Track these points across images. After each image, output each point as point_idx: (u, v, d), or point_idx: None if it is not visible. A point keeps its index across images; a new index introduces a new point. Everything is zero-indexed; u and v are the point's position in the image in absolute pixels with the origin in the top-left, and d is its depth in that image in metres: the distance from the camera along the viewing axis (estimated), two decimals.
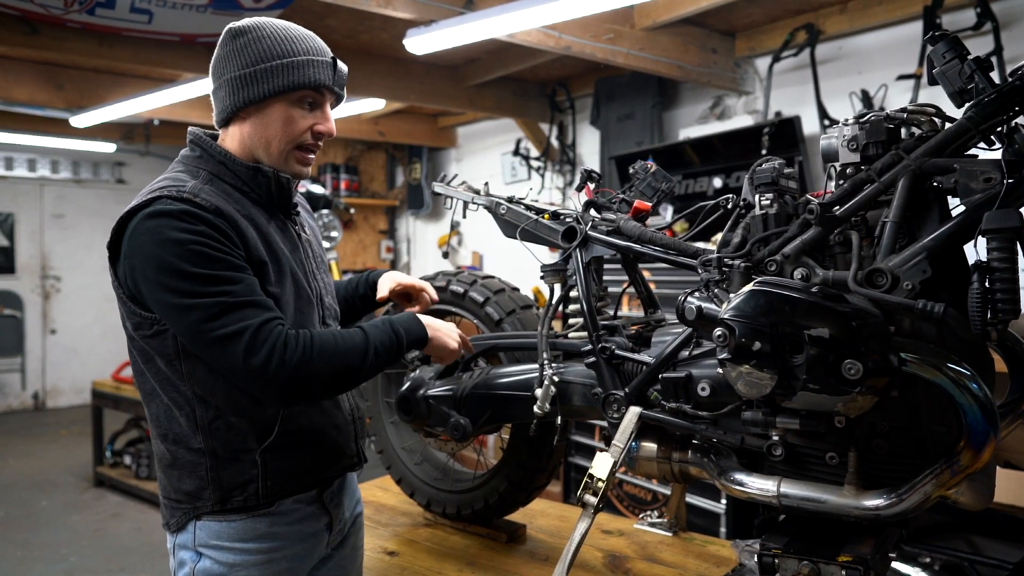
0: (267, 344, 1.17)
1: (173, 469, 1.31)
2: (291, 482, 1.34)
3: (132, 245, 1.20)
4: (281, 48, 1.28)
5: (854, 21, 3.96)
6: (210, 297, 1.16)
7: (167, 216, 1.18)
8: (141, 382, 1.33)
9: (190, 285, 1.16)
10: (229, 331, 1.16)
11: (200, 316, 1.16)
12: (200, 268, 1.17)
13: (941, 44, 1.21)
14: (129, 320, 1.28)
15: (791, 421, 1.21)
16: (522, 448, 1.88)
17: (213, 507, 1.29)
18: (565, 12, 3.33)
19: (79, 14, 3.83)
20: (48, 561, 4.02)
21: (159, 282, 1.17)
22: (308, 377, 1.21)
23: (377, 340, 1.31)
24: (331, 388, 1.29)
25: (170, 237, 1.17)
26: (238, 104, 1.29)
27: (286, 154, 1.33)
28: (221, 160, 1.32)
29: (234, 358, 1.17)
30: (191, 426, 1.28)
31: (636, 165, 1.72)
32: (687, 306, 1.34)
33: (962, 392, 1.07)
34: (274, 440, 1.30)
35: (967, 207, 1.15)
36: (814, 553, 1.24)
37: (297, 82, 1.28)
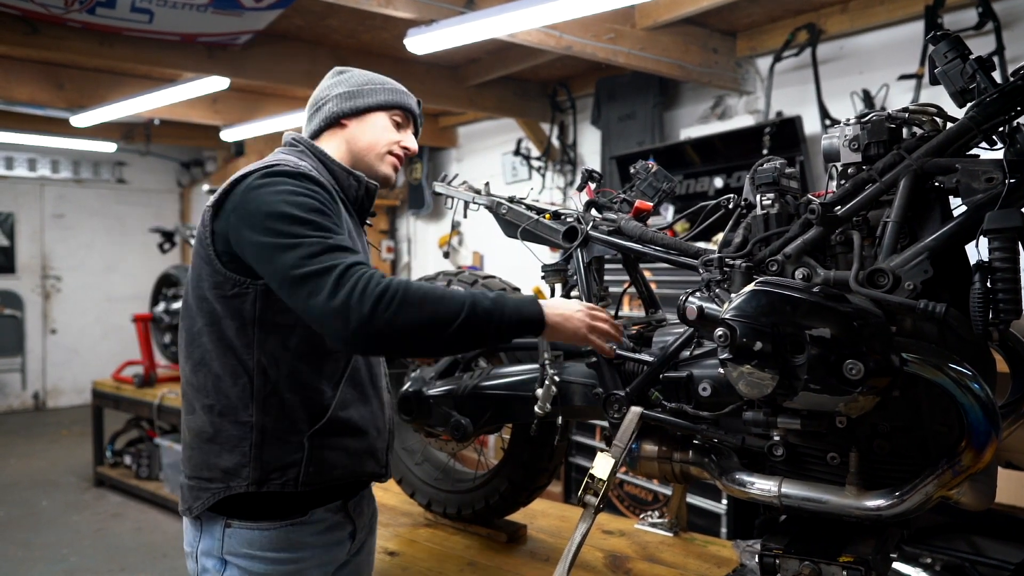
0: (355, 277, 1.16)
1: (212, 443, 1.29)
2: (329, 475, 1.33)
3: (243, 197, 1.25)
4: (380, 79, 1.52)
5: (855, 21, 3.95)
6: (314, 236, 1.20)
7: (282, 175, 1.27)
8: (192, 350, 1.32)
9: (297, 227, 1.20)
10: (323, 265, 1.17)
11: (301, 253, 1.17)
12: (308, 214, 1.22)
13: (943, 44, 1.21)
14: (208, 280, 1.29)
15: (792, 421, 1.21)
16: (523, 448, 1.88)
17: (248, 487, 1.27)
18: (566, 12, 3.33)
19: (79, 13, 3.83)
20: (49, 561, 4.02)
21: (267, 226, 1.21)
22: (390, 316, 1.15)
23: (480, 307, 1.21)
24: (410, 335, 1.18)
25: (285, 187, 1.25)
26: (345, 111, 1.46)
27: (383, 156, 1.48)
28: (320, 158, 1.42)
29: (320, 291, 1.15)
30: (244, 397, 1.28)
31: (637, 165, 1.72)
32: (688, 306, 1.34)
33: (964, 392, 1.07)
34: (323, 425, 1.31)
35: (969, 207, 1.15)
36: (815, 553, 1.24)
37: (395, 102, 1.49)
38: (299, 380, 1.30)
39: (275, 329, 1.28)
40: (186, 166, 8.90)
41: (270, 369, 1.28)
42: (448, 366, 1.89)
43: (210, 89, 5.08)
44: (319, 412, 1.31)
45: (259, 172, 1.27)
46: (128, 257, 8.65)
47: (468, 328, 1.20)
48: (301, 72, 4.84)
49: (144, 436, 5.37)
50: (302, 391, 1.30)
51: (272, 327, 1.28)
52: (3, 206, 8.13)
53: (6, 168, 8.10)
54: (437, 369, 1.89)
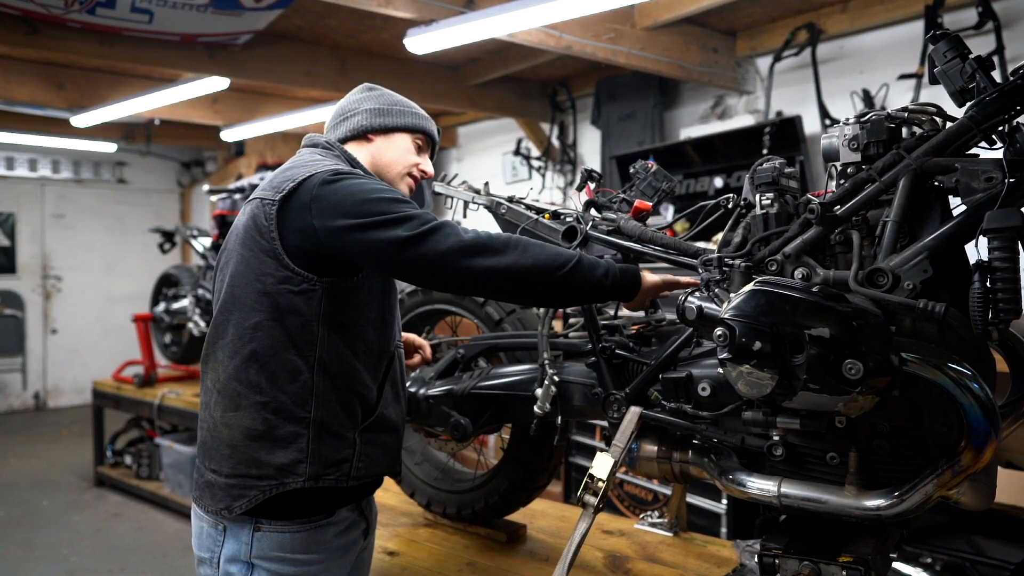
0: (470, 231, 1.29)
1: (264, 440, 1.29)
2: (372, 470, 1.40)
3: (324, 191, 1.30)
4: (408, 103, 1.58)
5: (855, 20, 3.95)
6: (411, 210, 1.30)
7: (349, 175, 1.34)
8: (239, 345, 1.31)
9: (394, 206, 1.29)
10: (438, 223, 1.29)
11: (413, 223, 1.26)
12: (396, 196, 1.32)
13: (943, 43, 1.21)
14: (273, 276, 1.30)
15: (792, 421, 1.21)
16: (522, 448, 1.88)
17: (305, 482, 1.29)
18: (565, 11, 3.33)
19: (80, 14, 3.83)
20: (49, 561, 4.02)
21: (361, 211, 1.27)
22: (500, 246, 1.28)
23: (585, 260, 1.33)
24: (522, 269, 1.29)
25: (362, 182, 1.32)
26: (374, 127, 1.52)
27: (402, 176, 1.53)
28: (352, 164, 1.47)
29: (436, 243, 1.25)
30: (303, 394, 1.30)
31: (637, 164, 1.72)
32: (687, 306, 1.33)
33: (963, 392, 1.07)
34: (372, 422, 1.38)
35: (968, 206, 1.15)
36: (815, 553, 1.24)
37: (420, 126, 1.56)
38: (354, 378, 1.35)
39: (336, 328, 1.33)
40: (186, 166, 8.91)
41: (331, 366, 1.33)
42: (447, 366, 1.89)
43: (210, 89, 5.08)
44: (368, 409, 1.39)
45: (327, 172, 1.33)
46: (128, 257, 8.65)
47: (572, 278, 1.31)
48: (301, 72, 4.84)
49: (144, 436, 5.37)
50: (356, 389, 1.36)
51: (334, 326, 1.33)
52: (4, 206, 8.13)
53: (7, 168, 8.10)
54: (436, 369, 1.89)
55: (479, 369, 1.83)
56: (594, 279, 1.33)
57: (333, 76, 4.95)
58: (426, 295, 2.03)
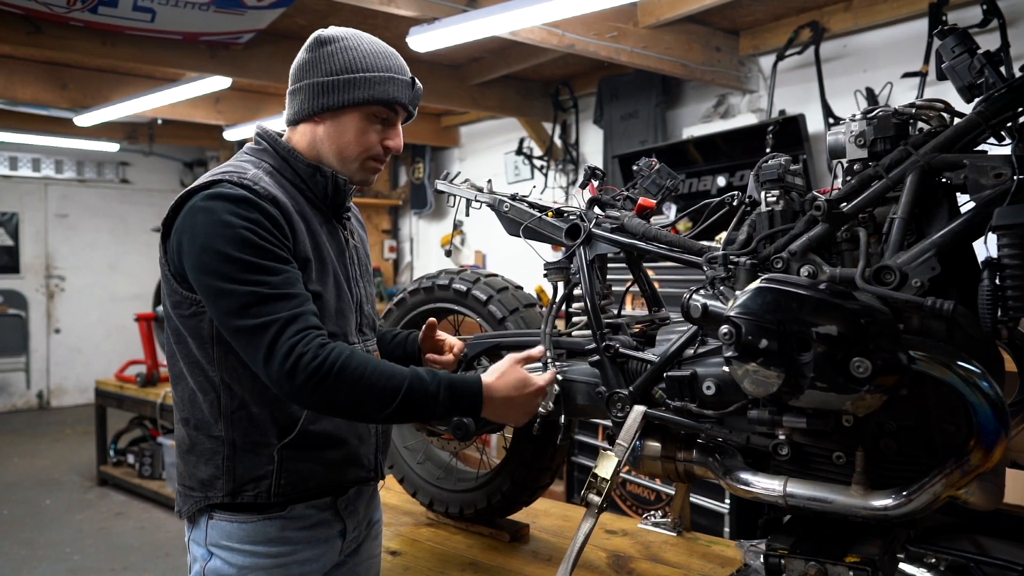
0: (288, 344, 1.15)
1: (191, 455, 1.32)
2: (303, 484, 1.32)
3: (185, 223, 1.22)
4: (365, 62, 1.31)
5: (859, 19, 3.94)
6: (246, 285, 1.16)
7: (223, 199, 1.20)
8: (171, 364, 1.35)
9: (230, 269, 1.16)
10: (256, 323, 1.16)
11: (233, 303, 1.16)
12: (243, 254, 1.17)
13: (951, 38, 1.20)
14: (169, 298, 1.29)
15: (798, 420, 1.19)
16: (525, 447, 1.87)
17: (224, 498, 1.28)
18: (568, 9, 3.32)
19: (82, 12, 3.83)
20: (52, 560, 4.02)
21: (202, 261, 1.18)
22: (322, 394, 1.16)
23: (416, 389, 1.22)
24: (343, 413, 1.24)
25: (221, 219, 1.18)
26: (316, 109, 1.32)
27: (358, 163, 1.36)
28: (284, 156, 1.35)
29: (256, 352, 1.16)
30: (214, 413, 1.28)
31: (641, 162, 1.71)
32: (692, 304, 1.33)
33: (973, 391, 1.06)
34: (294, 438, 1.29)
35: (977, 203, 1.14)
36: (821, 554, 1.22)
37: (376, 97, 1.31)
38: (263, 395, 1.27)
39: (232, 348, 1.24)
40: (189, 166, 8.91)
41: (234, 385, 1.27)
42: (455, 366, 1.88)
43: (212, 88, 5.08)
44: (288, 426, 1.29)
45: (201, 194, 1.22)
46: (131, 257, 8.66)
47: (405, 409, 1.21)
48: None
49: (147, 435, 5.37)
50: (268, 405, 1.28)
51: (230, 345, 1.24)
52: (7, 206, 8.14)
53: (10, 168, 8.11)
54: None
55: (481, 368, 1.82)
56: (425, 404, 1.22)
57: None
58: (428, 294, 2.02)
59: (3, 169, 8.08)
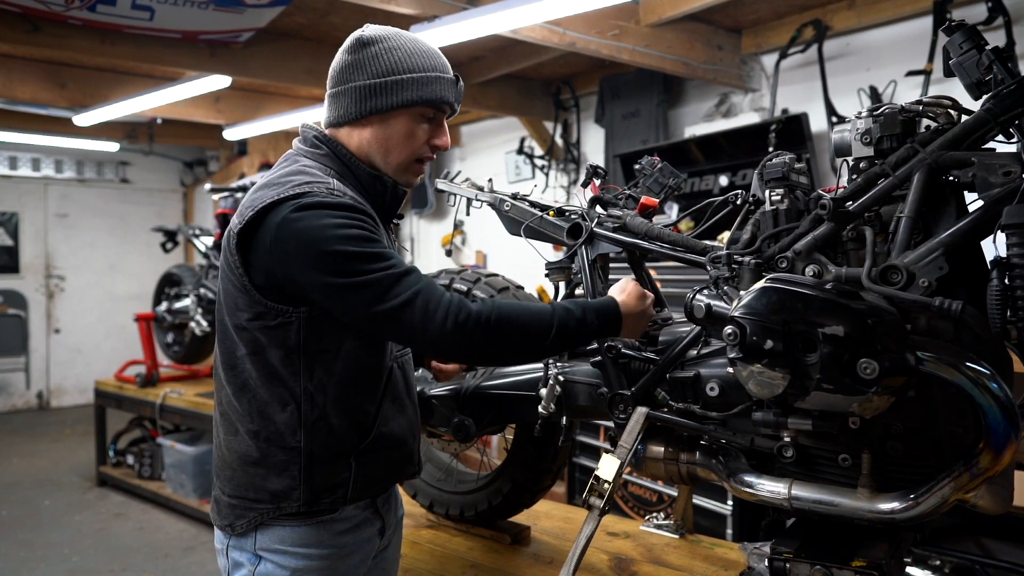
0: (443, 306, 1.19)
1: (259, 467, 1.28)
2: (374, 486, 1.35)
3: (284, 233, 1.19)
4: (410, 63, 1.32)
5: (862, 17, 3.91)
6: (377, 272, 1.18)
7: (321, 207, 1.20)
8: (233, 375, 1.29)
9: (355, 265, 1.18)
10: (405, 297, 1.18)
11: (371, 292, 1.17)
12: (361, 248, 1.19)
13: (958, 34, 1.18)
14: (248, 309, 1.25)
15: (803, 422, 1.18)
16: (526, 449, 1.86)
17: (300, 508, 1.27)
18: (569, 7, 3.30)
19: (80, 11, 3.81)
20: (51, 561, 4.00)
21: (322, 265, 1.17)
22: (486, 343, 1.22)
23: (567, 319, 1.29)
24: (507, 358, 1.35)
25: (327, 224, 1.19)
26: (364, 112, 1.32)
27: (405, 165, 1.37)
28: (345, 161, 1.35)
29: (411, 326, 1.18)
30: (292, 423, 1.26)
31: (643, 160, 1.69)
32: (696, 304, 1.31)
33: (982, 392, 1.04)
34: (369, 443, 1.32)
35: (985, 202, 1.12)
36: (827, 557, 1.21)
37: (424, 98, 1.32)
38: (345, 403, 1.29)
39: (320, 356, 1.26)
40: (189, 165, 8.90)
41: (317, 395, 1.27)
42: None
43: (212, 88, 5.06)
44: (364, 432, 1.32)
45: (292, 204, 1.20)
46: (131, 256, 8.65)
47: (559, 341, 1.28)
48: (303, 70, 4.82)
49: (146, 436, 5.36)
50: (348, 414, 1.30)
51: (317, 354, 1.26)
52: (7, 206, 8.13)
53: (10, 168, 8.10)
54: None
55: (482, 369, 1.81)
56: (579, 332, 1.30)
57: None
58: None
59: (3, 169, 8.07)
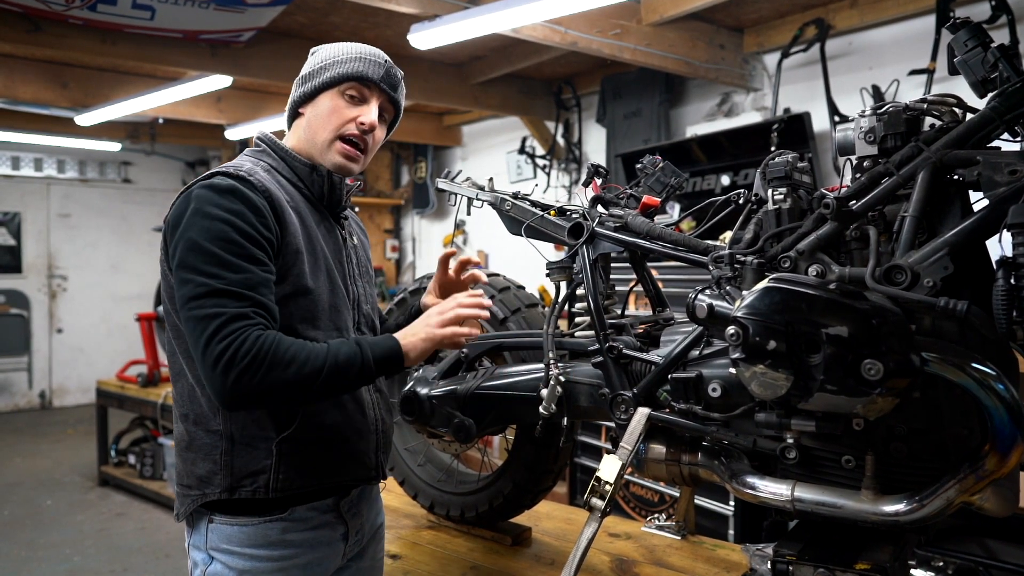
0: (225, 341, 1.14)
1: (189, 451, 1.32)
2: (302, 481, 1.31)
3: (177, 211, 1.25)
4: (339, 52, 1.39)
5: (865, 15, 3.90)
6: (204, 276, 1.18)
7: (213, 189, 1.23)
8: (171, 362, 1.35)
9: (195, 259, 1.19)
10: (204, 313, 1.16)
11: (188, 291, 1.18)
12: (211, 246, 1.19)
13: (963, 32, 1.16)
14: (168, 292, 1.29)
15: (807, 423, 1.16)
16: (527, 449, 1.85)
17: (221, 494, 1.28)
18: (570, 6, 3.29)
19: (81, 10, 3.81)
20: (52, 561, 4.00)
21: (178, 249, 1.21)
22: (254, 386, 1.15)
23: (340, 359, 1.22)
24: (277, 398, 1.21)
25: (203, 209, 1.21)
26: (296, 100, 1.40)
27: (329, 143, 1.37)
28: (282, 156, 1.39)
29: (196, 343, 1.17)
30: (212, 406, 1.29)
31: (644, 160, 1.68)
32: (698, 304, 1.29)
33: (988, 393, 1.03)
34: (292, 432, 1.29)
35: (991, 201, 1.10)
36: (830, 560, 1.19)
37: (341, 73, 1.36)
38: None
39: None
40: (191, 165, 8.90)
41: None
42: (451, 366, 1.85)
43: (213, 87, 5.06)
44: (286, 419, 1.29)
45: (198, 183, 1.26)
46: (133, 256, 8.66)
47: (334, 379, 1.21)
48: None
49: (148, 435, 5.36)
50: None
51: None
52: (9, 206, 8.14)
53: (12, 168, 8.11)
54: (440, 369, 1.86)
55: (483, 369, 1.80)
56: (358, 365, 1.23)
57: None
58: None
59: (5, 169, 8.07)
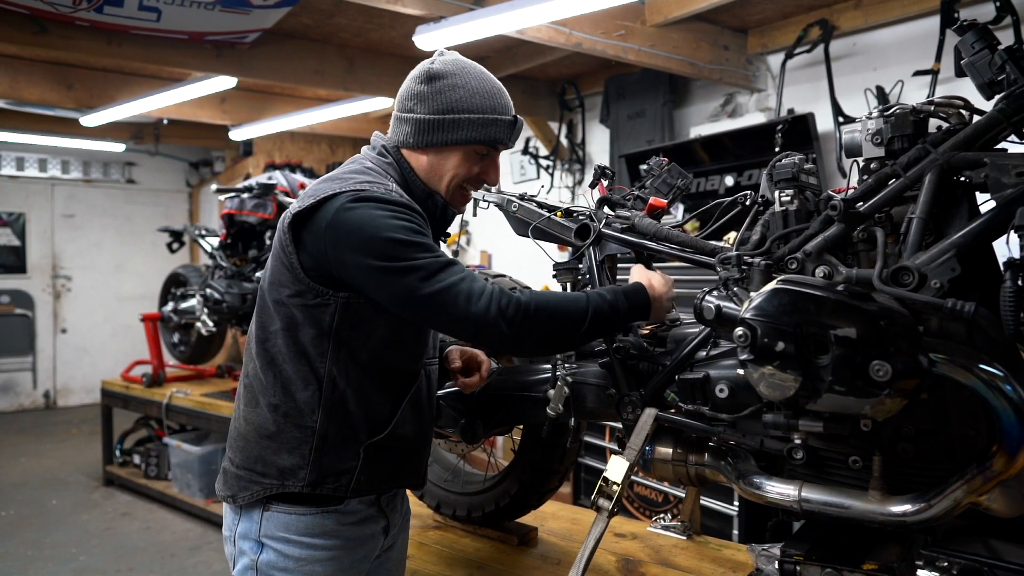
0: (486, 293, 1.24)
1: (272, 441, 1.32)
2: (377, 484, 1.38)
3: (339, 220, 1.26)
4: (470, 103, 1.39)
5: (869, 16, 3.90)
6: (427, 258, 1.24)
7: (376, 201, 1.28)
8: (263, 349, 1.34)
9: (406, 250, 1.24)
10: (450, 281, 1.24)
11: (420, 274, 1.23)
12: (412, 237, 1.25)
13: (970, 34, 1.17)
14: (290, 285, 1.31)
15: (815, 424, 1.17)
16: (534, 450, 1.85)
17: (303, 488, 1.30)
18: (575, 7, 3.30)
19: (87, 12, 3.82)
20: (58, 560, 4.02)
21: (372, 249, 1.23)
22: (526, 330, 1.25)
23: (596, 306, 1.33)
24: (546, 346, 1.36)
25: (380, 214, 1.26)
26: (421, 143, 1.40)
27: (453, 193, 1.44)
28: (405, 175, 1.42)
29: (456, 305, 1.23)
30: (312, 403, 1.31)
31: (651, 161, 1.69)
32: (706, 305, 1.30)
33: (995, 395, 1.03)
34: (382, 439, 1.35)
35: (998, 202, 1.11)
36: (838, 560, 1.20)
37: (480, 139, 1.40)
38: (365, 393, 1.34)
39: (348, 342, 1.31)
40: (195, 166, 8.92)
41: (339, 379, 1.31)
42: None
43: (218, 88, 5.07)
44: (379, 426, 1.36)
45: (351, 194, 1.27)
46: (137, 257, 8.67)
47: (592, 330, 1.34)
48: (309, 71, 4.83)
49: (153, 435, 5.37)
50: (366, 404, 1.34)
51: (346, 340, 1.31)
52: (14, 206, 8.16)
53: (17, 168, 8.13)
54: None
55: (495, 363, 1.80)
56: (612, 317, 1.35)
57: (341, 75, 4.93)
58: None
59: (10, 169, 8.10)
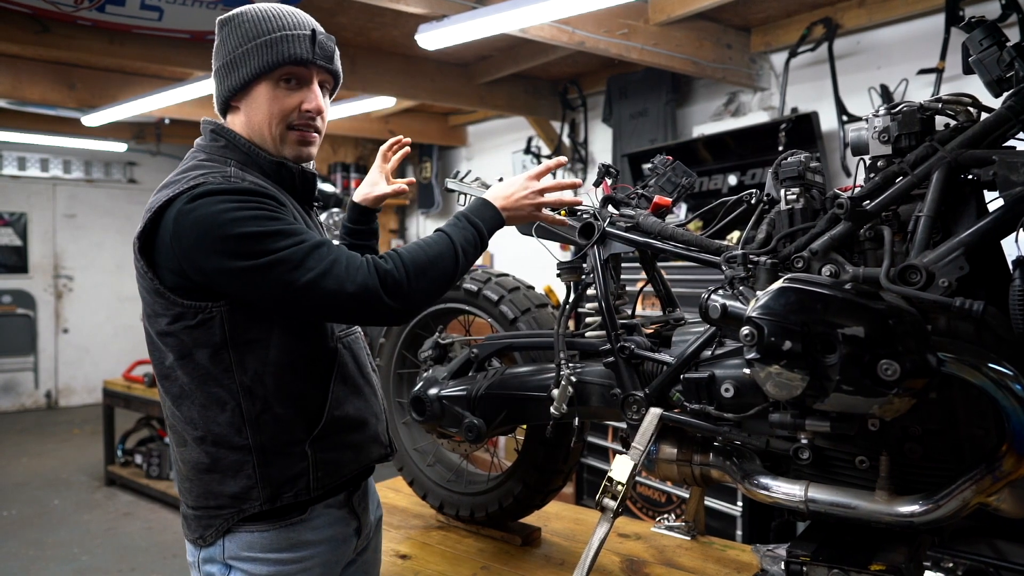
0: (360, 270, 1.17)
1: (213, 473, 1.24)
2: (338, 473, 1.31)
3: (181, 226, 1.15)
4: (257, 28, 1.26)
5: (873, 15, 3.89)
6: (287, 247, 1.14)
7: (215, 194, 1.15)
8: (168, 385, 1.25)
9: (264, 244, 1.13)
10: (320, 269, 1.15)
11: (286, 267, 1.14)
12: (266, 226, 1.15)
13: (978, 31, 1.16)
14: (166, 313, 1.20)
15: (821, 424, 1.16)
16: (537, 450, 1.84)
17: (262, 506, 1.23)
18: (578, 6, 3.28)
19: (89, 11, 3.82)
20: (60, 560, 4.02)
21: (226, 251, 1.13)
22: (407, 296, 1.21)
23: (461, 239, 1.31)
24: (431, 301, 1.31)
25: (224, 208, 1.14)
26: (226, 93, 1.29)
27: (281, 137, 1.29)
28: (245, 150, 1.29)
29: (332, 292, 1.15)
30: (236, 422, 1.22)
31: (656, 159, 1.68)
32: (711, 304, 1.29)
33: (1005, 394, 1.02)
34: (321, 429, 1.27)
35: (1007, 200, 1.10)
36: (844, 561, 1.19)
37: (273, 61, 1.24)
38: (287, 391, 1.24)
39: (250, 347, 1.21)
40: None
41: (255, 388, 1.22)
42: (461, 366, 1.85)
43: None
44: (315, 417, 1.27)
45: (186, 196, 1.16)
46: None
47: (468, 259, 1.32)
48: None
49: (154, 435, 5.37)
50: (292, 401, 1.25)
51: (246, 346, 1.21)
52: (16, 206, 8.17)
53: (19, 168, 8.13)
54: (450, 369, 1.86)
55: (493, 369, 1.80)
56: (476, 240, 1.34)
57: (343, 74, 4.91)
58: None
59: (12, 169, 8.10)
